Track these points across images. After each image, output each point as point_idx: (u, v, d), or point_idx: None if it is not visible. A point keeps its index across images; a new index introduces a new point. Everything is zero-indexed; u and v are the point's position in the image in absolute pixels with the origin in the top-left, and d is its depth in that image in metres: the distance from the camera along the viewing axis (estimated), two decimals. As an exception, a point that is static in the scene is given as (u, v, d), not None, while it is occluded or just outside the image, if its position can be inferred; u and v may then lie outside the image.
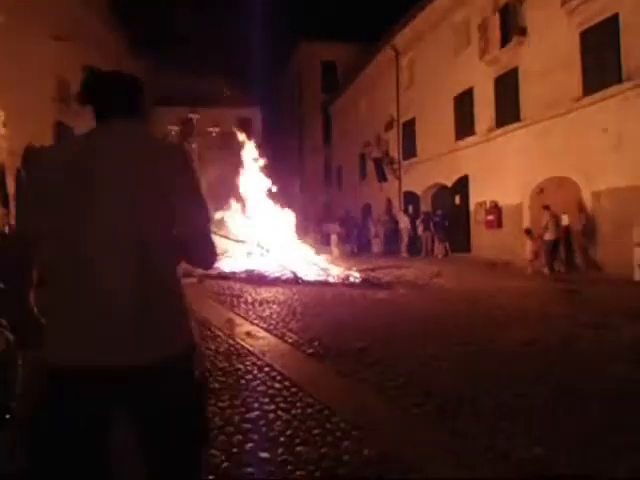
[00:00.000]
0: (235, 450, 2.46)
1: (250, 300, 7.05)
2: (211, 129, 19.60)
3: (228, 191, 12.72)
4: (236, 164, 13.48)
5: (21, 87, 15.11)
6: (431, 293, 7.97)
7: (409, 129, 20.15)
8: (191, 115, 18.29)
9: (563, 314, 5.94)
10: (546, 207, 11.03)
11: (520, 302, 6.91)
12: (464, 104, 16.01)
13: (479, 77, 14.97)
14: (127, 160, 1.29)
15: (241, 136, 12.86)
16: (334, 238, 17.48)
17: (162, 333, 1.26)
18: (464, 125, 16.01)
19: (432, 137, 18.10)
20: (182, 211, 1.32)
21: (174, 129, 19.92)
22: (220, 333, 4.92)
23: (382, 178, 22.22)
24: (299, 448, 2.49)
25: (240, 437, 2.60)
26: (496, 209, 14.03)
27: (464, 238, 15.98)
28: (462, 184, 16.28)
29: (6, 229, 10.47)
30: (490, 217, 14.16)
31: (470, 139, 15.67)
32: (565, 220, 11.11)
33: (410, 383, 3.46)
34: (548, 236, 10.59)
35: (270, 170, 13.72)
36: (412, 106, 19.69)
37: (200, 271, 9.61)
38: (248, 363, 3.90)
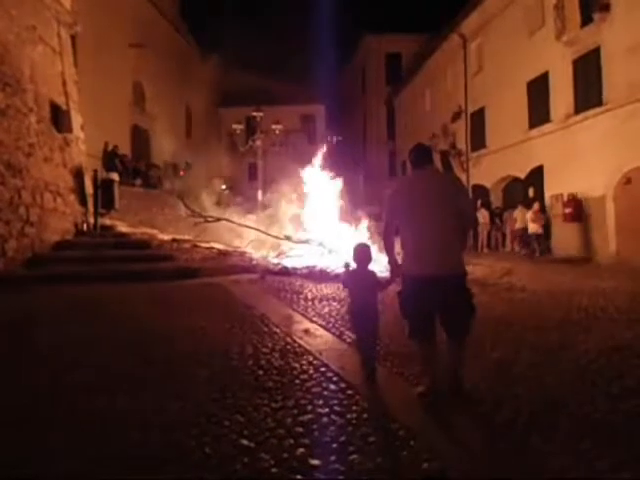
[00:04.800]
0: (285, 455, 2.36)
1: (310, 297, 6.96)
2: (274, 126, 19.82)
3: (292, 186, 12.73)
4: (298, 159, 13.52)
5: (99, 93, 16.07)
6: (501, 292, 7.49)
7: (478, 119, 19.27)
8: (255, 113, 18.55)
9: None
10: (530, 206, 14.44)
11: (602, 303, 6.30)
12: (538, 90, 15.02)
13: (555, 60, 13.96)
14: (435, 183, 3.17)
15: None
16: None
17: (455, 263, 3.06)
18: (538, 112, 15.03)
19: (503, 126, 17.19)
20: (461, 206, 3.12)
21: (239, 127, 20.32)
22: (278, 330, 4.86)
23: (449, 171, 21.47)
24: (353, 457, 2.34)
25: (291, 441, 2.49)
26: (575, 201, 13.04)
27: (538, 233, 15.01)
28: (536, 175, 15.32)
29: (84, 226, 11.18)
30: (568, 210, 13.17)
31: (545, 127, 14.69)
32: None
33: (476, 391, 3.19)
34: (531, 229, 13.98)
35: (333, 164, 13.56)
36: (481, 95, 18.80)
37: (262, 267, 9.72)
38: (304, 362, 3.79)
